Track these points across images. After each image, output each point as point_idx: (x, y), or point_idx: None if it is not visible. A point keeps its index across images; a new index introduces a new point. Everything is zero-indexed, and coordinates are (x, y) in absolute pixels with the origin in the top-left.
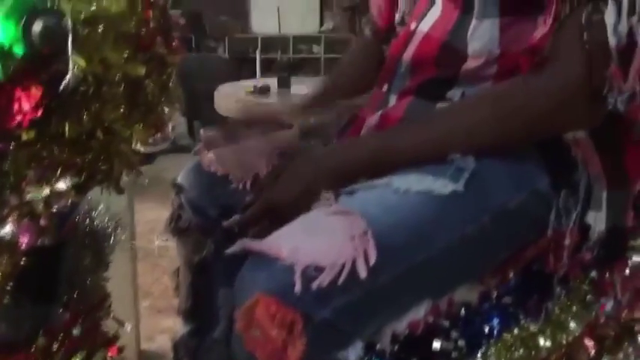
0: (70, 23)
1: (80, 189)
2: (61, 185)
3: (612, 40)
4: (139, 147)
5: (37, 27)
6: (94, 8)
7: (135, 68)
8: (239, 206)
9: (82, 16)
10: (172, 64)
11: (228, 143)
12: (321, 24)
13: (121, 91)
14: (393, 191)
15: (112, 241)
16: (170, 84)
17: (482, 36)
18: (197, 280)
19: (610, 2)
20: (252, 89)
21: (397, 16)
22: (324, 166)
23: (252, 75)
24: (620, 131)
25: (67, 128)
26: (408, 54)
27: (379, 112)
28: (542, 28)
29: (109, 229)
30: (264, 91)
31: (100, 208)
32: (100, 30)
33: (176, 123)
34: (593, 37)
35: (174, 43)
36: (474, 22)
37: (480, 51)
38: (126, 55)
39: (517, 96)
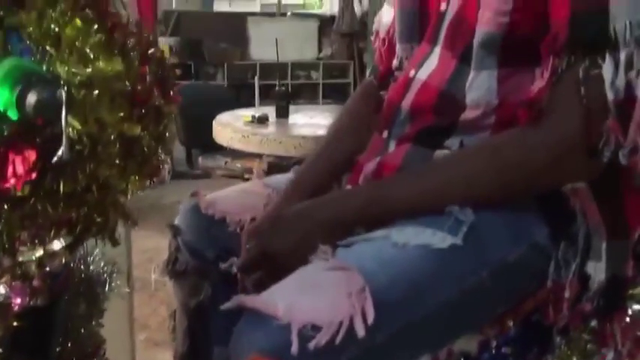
0: (64, 93)
1: (74, 245)
2: (55, 245)
3: (610, 95)
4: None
5: (32, 99)
6: (89, 70)
7: (131, 127)
8: (237, 249)
9: (78, 79)
10: (169, 114)
11: None
12: (320, 50)
13: (117, 149)
14: (391, 245)
15: (107, 288)
16: (166, 134)
17: (479, 87)
18: (194, 325)
19: (607, 57)
20: (250, 119)
21: (395, 62)
22: (319, 217)
23: (251, 101)
24: (619, 179)
25: (61, 185)
26: (407, 101)
27: (377, 159)
28: (539, 81)
29: (105, 275)
30: (262, 120)
31: (95, 252)
32: (95, 92)
33: (174, 149)
34: (591, 91)
35: (171, 93)
36: (471, 73)
37: (477, 101)
38: (122, 115)
39: (515, 149)
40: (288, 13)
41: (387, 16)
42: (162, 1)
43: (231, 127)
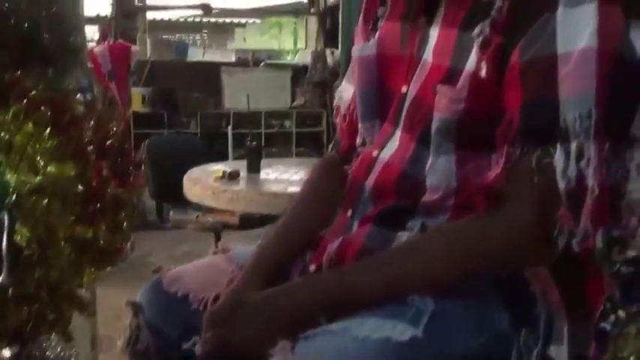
0: (7, 218)
1: (22, 353)
2: (5, 354)
3: (562, 184)
4: None
5: None
6: (40, 178)
7: (82, 230)
8: (200, 327)
9: (27, 187)
10: (129, 201)
11: None
12: (293, 100)
13: (69, 250)
14: (351, 339)
15: None
16: (124, 224)
17: (438, 170)
18: None
19: (559, 147)
20: (221, 174)
21: (358, 140)
22: (279, 308)
23: (225, 150)
24: (579, 261)
25: (9, 291)
26: (370, 181)
27: (340, 239)
28: (495, 168)
29: None
30: (233, 176)
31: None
32: (45, 199)
33: (145, 198)
34: (544, 180)
35: (131, 179)
36: (430, 157)
37: (437, 184)
38: (73, 218)
39: (472, 237)
40: (262, 64)
41: (347, 92)
42: (135, 51)
43: (201, 183)
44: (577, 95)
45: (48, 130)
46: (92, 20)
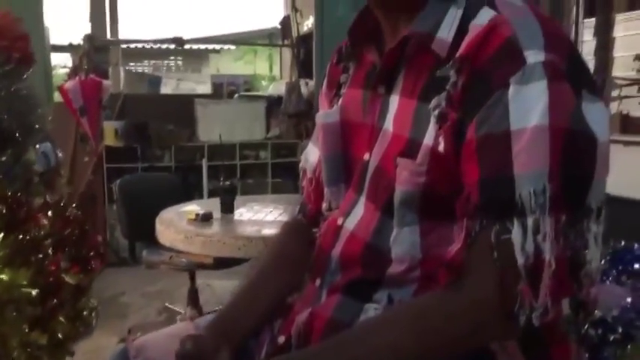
0: None
1: None
2: None
3: (520, 259)
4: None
5: None
6: None
7: (38, 335)
8: None
9: None
10: (89, 287)
11: None
12: (267, 131)
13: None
14: None
15: None
16: (84, 312)
17: (403, 242)
18: None
19: (515, 222)
20: (194, 217)
21: (324, 205)
22: None
23: (199, 181)
24: (543, 330)
25: None
26: (337, 251)
27: (309, 309)
28: (456, 242)
29: None
30: (206, 218)
31: None
32: None
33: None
34: (503, 255)
35: (92, 264)
36: (394, 229)
37: (402, 256)
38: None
39: (434, 314)
40: (236, 95)
41: (312, 155)
42: (108, 86)
43: (174, 226)
44: (531, 171)
45: (1, 234)
46: (64, 49)
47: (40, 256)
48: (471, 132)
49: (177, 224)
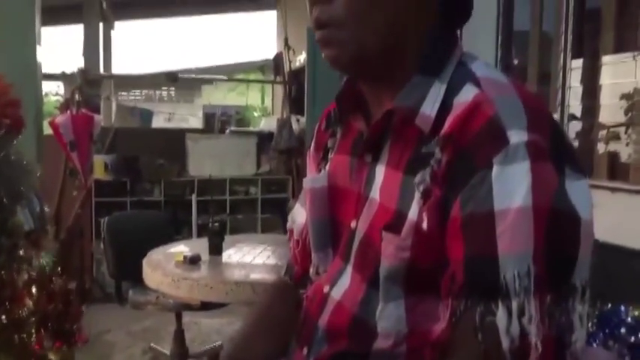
0: None
1: None
2: None
3: (505, 343)
4: None
5: None
6: None
7: None
8: None
9: None
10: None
11: None
12: (258, 166)
13: None
14: None
15: None
16: None
17: (389, 317)
18: None
19: (500, 305)
20: (182, 259)
21: (311, 269)
22: None
23: (189, 216)
24: None
25: None
26: (323, 320)
27: None
28: (442, 321)
29: None
30: (194, 261)
31: None
32: None
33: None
34: (487, 337)
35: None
36: (380, 303)
37: (388, 331)
38: None
39: None
40: (227, 131)
41: (300, 216)
42: (99, 121)
43: (161, 269)
44: (515, 253)
45: None
46: (57, 77)
47: (24, 335)
48: (455, 210)
49: (164, 267)
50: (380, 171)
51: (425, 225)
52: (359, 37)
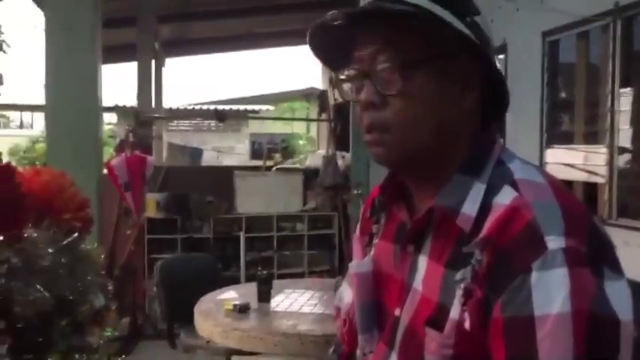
0: None
1: None
2: None
3: None
4: None
5: None
6: None
7: None
8: None
9: None
10: None
11: None
12: (305, 203)
13: None
14: None
15: None
16: None
17: None
18: None
19: None
20: (231, 307)
21: (358, 351)
22: None
23: (237, 252)
24: None
25: None
26: None
27: None
28: None
29: None
30: (243, 310)
31: None
32: None
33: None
34: None
35: None
36: None
37: None
38: None
39: None
40: (274, 168)
41: (347, 295)
42: (151, 162)
43: (212, 319)
44: (555, 359)
45: None
46: (111, 109)
47: None
48: (497, 311)
49: (215, 316)
50: (422, 262)
51: (467, 324)
52: (406, 141)
